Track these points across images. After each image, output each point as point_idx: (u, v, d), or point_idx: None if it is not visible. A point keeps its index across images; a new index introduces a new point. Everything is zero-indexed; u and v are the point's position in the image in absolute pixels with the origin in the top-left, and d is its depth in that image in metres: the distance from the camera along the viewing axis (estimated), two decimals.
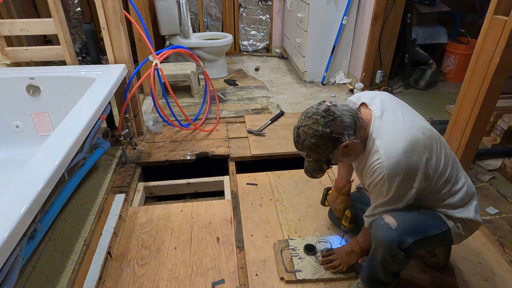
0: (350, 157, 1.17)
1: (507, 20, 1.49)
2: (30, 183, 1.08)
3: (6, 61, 2.09)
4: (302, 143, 1.10)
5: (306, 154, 1.13)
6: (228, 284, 1.40)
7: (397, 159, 1.03)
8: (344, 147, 1.09)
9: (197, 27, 4.06)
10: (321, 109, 1.08)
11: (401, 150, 1.03)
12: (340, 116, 1.07)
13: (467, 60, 1.78)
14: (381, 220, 1.14)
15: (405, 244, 1.10)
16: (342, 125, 1.07)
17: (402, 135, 1.06)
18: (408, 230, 1.11)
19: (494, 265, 1.47)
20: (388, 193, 1.09)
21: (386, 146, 1.05)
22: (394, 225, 1.11)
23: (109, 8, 1.92)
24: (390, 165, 1.03)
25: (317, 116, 1.07)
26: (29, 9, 3.35)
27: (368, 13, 2.94)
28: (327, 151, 1.10)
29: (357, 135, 1.09)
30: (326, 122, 1.06)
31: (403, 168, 1.04)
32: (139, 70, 2.24)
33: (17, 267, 1.08)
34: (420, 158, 1.05)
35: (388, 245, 1.11)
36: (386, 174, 1.04)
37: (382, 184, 1.07)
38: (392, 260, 1.14)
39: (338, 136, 1.07)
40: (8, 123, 2.03)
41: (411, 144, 1.04)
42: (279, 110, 2.74)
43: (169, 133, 2.43)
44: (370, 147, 1.10)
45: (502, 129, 2.22)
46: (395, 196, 1.09)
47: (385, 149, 1.05)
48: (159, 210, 1.79)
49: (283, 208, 1.79)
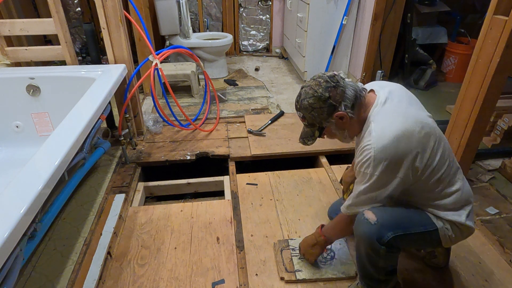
0: (344, 132, 1.18)
1: (507, 20, 1.49)
2: (30, 183, 1.08)
3: (6, 61, 2.09)
4: (301, 102, 1.14)
5: (302, 115, 1.16)
6: (228, 284, 1.40)
7: (386, 143, 1.04)
8: (339, 119, 1.12)
9: (197, 27, 4.06)
10: (327, 74, 1.12)
11: (392, 136, 1.04)
12: (342, 87, 1.10)
13: (467, 60, 1.78)
14: (361, 216, 1.15)
15: (385, 238, 1.10)
16: (342, 95, 1.10)
17: (398, 123, 1.06)
18: (388, 225, 1.11)
19: (494, 265, 1.47)
20: (371, 177, 1.08)
21: (380, 129, 1.06)
22: (374, 220, 1.11)
23: (109, 8, 1.92)
24: (378, 148, 1.04)
25: (321, 80, 1.11)
26: (29, 9, 3.35)
27: (368, 13, 2.94)
28: (322, 117, 1.13)
29: (355, 111, 1.12)
30: (328, 87, 1.09)
31: (390, 154, 1.04)
32: (139, 70, 2.24)
33: (17, 267, 1.08)
34: (410, 149, 1.05)
35: (367, 239, 1.12)
36: (373, 156, 1.05)
37: (367, 166, 1.07)
38: (375, 255, 1.14)
39: (335, 104, 1.10)
40: (8, 123, 2.03)
41: (404, 133, 1.04)
42: (279, 110, 2.74)
43: (169, 133, 2.43)
44: (365, 129, 1.11)
45: (502, 129, 2.22)
46: (378, 182, 1.09)
47: (377, 132, 1.06)
48: (159, 210, 1.79)
49: (283, 208, 1.79)
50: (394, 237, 1.10)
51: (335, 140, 2.48)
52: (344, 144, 2.25)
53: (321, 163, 2.17)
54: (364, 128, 1.13)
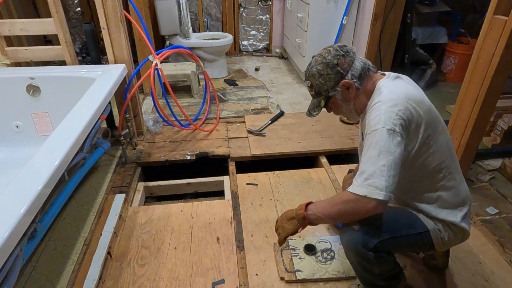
0: (349, 105, 1.17)
1: (507, 20, 1.49)
2: (30, 183, 1.08)
3: (6, 61, 2.09)
4: (310, 69, 1.15)
5: (310, 84, 1.17)
6: (228, 284, 1.40)
7: (397, 98, 1.03)
8: (345, 88, 1.12)
9: (197, 27, 4.06)
10: (338, 44, 1.14)
11: (404, 95, 1.04)
12: (351, 57, 1.11)
13: (467, 60, 1.78)
14: (345, 225, 1.13)
15: (371, 244, 1.06)
16: (350, 64, 1.11)
17: (410, 89, 1.08)
18: (372, 230, 1.08)
19: (494, 265, 1.47)
20: (382, 131, 0.99)
21: (391, 89, 1.07)
22: (357, 226, 1.09)
23: (109, 8, 1.92)
24: (389, 102, 1.03)
25: (331, 48, 1.13)
26: (29, 9, 3.35)
27: (368, 13, 2.94)
28: (328, 84, 1.12)
29: (362, 83, 1.12)
30: (337, 54, 1.11)
31: (401, 109, 1.02)
32: (139, 70, 2.24)
33: (17, 267, 1.08)
34: (418, 112, 1.04)
35: (352, 247, 1.10)
36: (384, 109, 1.03)
37: (378, 120, 1.02)
38: (366, 262, 1.10)
39: (342, 72, 1.10)
40: (8, 123, 2.03)
41: (415, 98, 1.05)
42: (279, 110, 2.74)
43: (169, 133, 2.43)
44: (374, 95, 1.11)
45: (502, 129, 2.22)
46: (390, 135, 0.99)
47: (389, 91, 1.06)
48: (159, 210, 1.79)
49: (283, 208, 1.79)
50: (380, 241, 1.07)
51: (335, 140, 2.49)
52: (344, 144, 2.27)
53: (321, 163, 2.17)
54: (372, 96, 1.12)
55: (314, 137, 2.36)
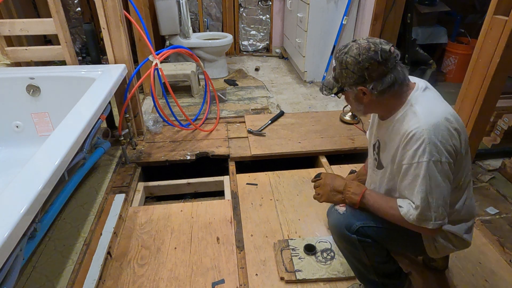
0: (360, 106, 1.08)
1: (507, 20, 1.49)
2: (30, 183, 1.08)
3: (6, 61, 2.09)
4: (341, 54, 1.04)
5: (334, 66, 1.08)
6: (228, 284, 1.40)
7: (438, 122, 0.96)
8: (361, 93, 1.04)
9: (197, 27, 4.06)
10: (384, 46, 0.99)
11: (442, 115, 0.97)
12: (386, 68, 0.99)
13: (467, 60, 1.78)
14: (332, 207, 1.17)
15: (353, 227, 1.10)
16: (381, 75, 0.99)
17: (444, 106, 1.02)
18: (356, 214, 1.12)
19: (494, 265, 1.47)
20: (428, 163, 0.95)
21: (427, 110, 0.98)
22: (343, 210, 1.12)
23: (109, 8, 1.92)
24: (429, 128, 0.95)
25: (374, 46, 0.99)
26: (29, 9, 3.35)
27: (368, 13, 2.94)
28: (347, 80, 1.04)
29: (382, 96, 1.02)
30: (372, 58, 0.98)
31: (444, 132, 0.95)
32: (139, 70, 2.24)
33: (17, 267, 1.08)
34: (459, 131, 0.98)
35: (337, 228, 1.14)
36: (427, 138, 0.94)
37: (422, 153, 0.95)
38: (351, 246, 1.13)
39: (367, 78, 1.00)
40: (8, 123, 2.03)
41: (452, 114, 0.99)
42: (279, 110, 2.74)
43: (169, 133, 2.43)
44: (405, 112, 1.03)
45: (502, 129, 2.22)
46: (438, 167, 0.95)
47: (425, 113, 0.98)
48: (159, 210, 1.78)
49: (283, 208, 1.79)
50: (362, 226, 1.09)
51: (335, 140, 2.49)
52: (344, 144, 2.27)
53: (321, 163, 2.17)
54: (401, 112, 1.04)
55: (314, 137, 2.36)
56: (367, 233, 1.10)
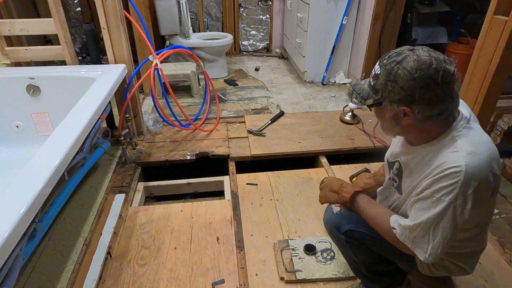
0: (395, 127, 0.95)
1: (507, 20, 1.49)
2: (30, 183, 1.08)
3: (6, 61, 2.08)
4: (392, 62, 0.87)
5: (379, 73, 0.90)
6: (228, 284, 1.40)
7: (481, 163, 0.84)
8: (402, 113, 0.89)
9: (197, 27, 4.06)
10: (449, 66, 0.83)
11: (487, 158, 0.85)
12: (442, 93, 0.84)
13: (467, 60, 1.78)
14: (329, 205, 1.18)
15: (342, 228, 1.11)
16: (433, 100, 0.84)
17: (489, 143, 0.90)
18: (348, 217, 1.11)
19: (494, 265, 1.47)
20: (449, 205, 0.86)
21: (471, 147, 0.86)
22: (337, 210, 1.13)
23: (109, 8, 1.92)
24: (470, 169, 0.83)
25: (434, 64, 0.82)
26: (29, 9, 3.35)
27: (368, 13, 2.94)
28: (391, 96, 0.88)
29: (425, 123, 0.89)
30: (430, 77, 0.82)
31: (484, 176, 0.85)
32: (139, 70, 2.24)
33: (17, 267, 1.08)
34: (496, 176, 0.88)
35: (328, 225, 1.17)
36: (462, 180, 0.83)
37: (449, 191, 0.85)
38: (340, 243, 1.16)
39: (415, 99, 0.85)
40: (8, 123, 2.03)
41: (495, 155, 0.89)
42: (279, 110, 2.74)
43: (169, 133, 2.43)
44: (444, 144, 0.90)
45: (502, 129, 2.22)
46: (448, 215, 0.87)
47: (468, 152, 0.85)
48: (159, 210, 1.79)
49: (283, 208, 1.79)
50: (350, 230, 1.10)
51: (335, 140, 2.48)
52: (344, 144, 2.27)
53: (321, 163, 2.17)
54: (440, 142, 0.91)
55: (314, 137, 2.36)
56: (354, 237, 1.11)
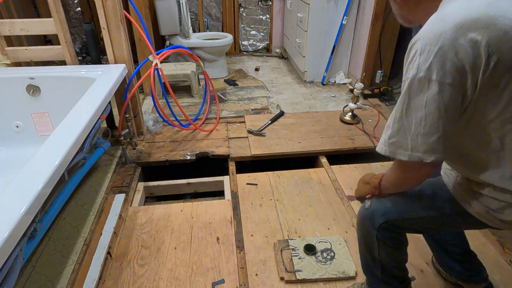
0: (398, 12, 0.94)
1: None
2: (30, 183, 1.08)
3: (6, 61, 2.09)
4: None
5: None
6: (228, 284, 1.40)
7: (442, 30, 0.74)
8: None
9: (197, 27, 4.06)
10: None
11: (453, 22, 0.74)
12: None
13: None
14: (362, 200, 1.15)
15: (376, 222, 1.06)
16: None
17: (472, 9, 0.74)
18: (380, 208, 1.07)
19: (494, 265, 1.47)
20: (413, 80, 0.78)
21: (440, 16, 0.78)
22: (367, 204, 1.10)
23: (109, 8, 1.92)
24: (428, 37, 0.75)
25: None
26: (29, 9, 3.35)
27: (368, 13, 2.94)
28: None
29: None
30: None
31: (445, 41, 0.73)
32: (139, 70, 2.24)
33: (17, 267, 1.08)
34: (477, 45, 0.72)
35: (361, 220, 1.12)
36: (419, 48, 0.77)
37: (410, 67, 0.80)
38: (369, 237, 1.09)
39: None
40: (8, 123, 2.03)
41: (476, 23, 0.72)
42: (279, 110, 2.74)
43: (169, 133, 2.43)
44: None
45: None
46: (415, 90, 0.78)
47: (433, 20, 0.78)
48: (159, 210, 1.79)
49: (283, 208, 1.79)
50: (386, 222, 1.05)
51: (335, 140, 2.49)
52: (344, 144, 2.27)
53: (321, 163, 2.17)
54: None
55: (314, 137, 2.36)
56: (393, 225, 1.05)
